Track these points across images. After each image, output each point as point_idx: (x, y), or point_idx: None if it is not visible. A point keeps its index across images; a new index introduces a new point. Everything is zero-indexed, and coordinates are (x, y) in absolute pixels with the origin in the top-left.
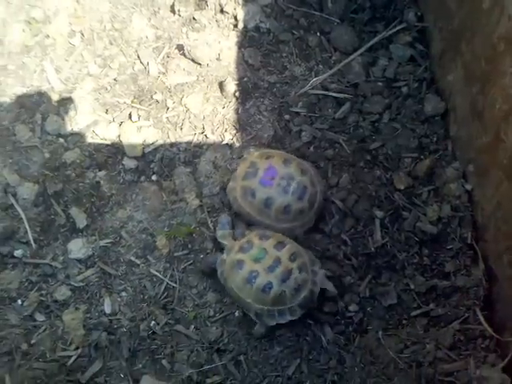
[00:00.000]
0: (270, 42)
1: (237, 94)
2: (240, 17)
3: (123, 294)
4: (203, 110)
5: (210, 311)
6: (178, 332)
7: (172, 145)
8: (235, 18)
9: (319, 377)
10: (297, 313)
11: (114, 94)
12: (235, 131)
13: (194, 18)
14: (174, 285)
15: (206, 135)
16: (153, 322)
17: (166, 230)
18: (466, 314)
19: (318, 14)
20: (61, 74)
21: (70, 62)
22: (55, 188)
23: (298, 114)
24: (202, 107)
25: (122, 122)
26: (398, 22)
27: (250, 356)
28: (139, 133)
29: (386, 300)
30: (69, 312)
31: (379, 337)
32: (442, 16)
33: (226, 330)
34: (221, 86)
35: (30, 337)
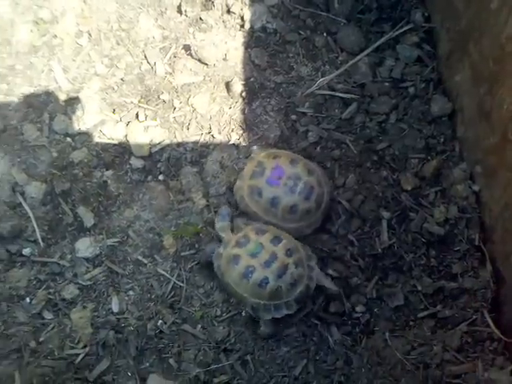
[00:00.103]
0: (277, 42)
1: (243, 94)
2: (247, 17)
3: (130, 292)
4: (210, 110)
5: (216, 311)
6: (185, 331)
7: (179, 145)
8: (242, 18)
9: (326, 377)
10: (293, 307)
11: (121, 93)
12: (242, 131)
13: (200, 19)
14: (181, 284)
15: (212, 135)
16: (160, 321)
17: (172, 229)
18: (474, 316)
19: (324, 14)
20: (68, 74)
21: (77, 61)
22: (63, 187)
23: (304, 114)
24: (208, 107)
25: (129, 122)
26: (405, 23)
27: (257, 356)
28: (146, 132)
29: (392, 301)
30: (77, 310)
31: (386, 338)
32: (449, 16)
33: (233, 329)
34: (227, 86)
35: (39, 335)
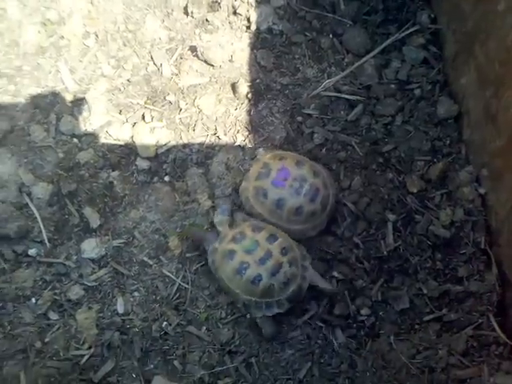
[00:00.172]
0: (283, 43)
1: (249, 95)
2: (253, 18)
3: (136, 294)
4: (216, 112)
5: (221, 313)
6: (189, 333)
7: (185, 146)
8: (248, 19)
9: (330, 380)
10: (284, 306)
11: (127, 94)
12: (247, 133)
13: (206, 20)
14: (186, 286)
15: (218, 136)
16: (165, 323)
17: (178, 230)
18: (480, 320)
19: (330, 15)
20: (75, 75)
21: (84, 62)
22: (69, 188)
23: (310, 115)
24: (214, 108)
25: (135, 123)
26: (411, 24)
27: (262, 358)
28: (152, 134)
29: (398, 304)
30: (82, 311)
31: (391, 341)
32: (455, 18)
33: (238, 331)
34: (233, 87)
35: (44, 335)
